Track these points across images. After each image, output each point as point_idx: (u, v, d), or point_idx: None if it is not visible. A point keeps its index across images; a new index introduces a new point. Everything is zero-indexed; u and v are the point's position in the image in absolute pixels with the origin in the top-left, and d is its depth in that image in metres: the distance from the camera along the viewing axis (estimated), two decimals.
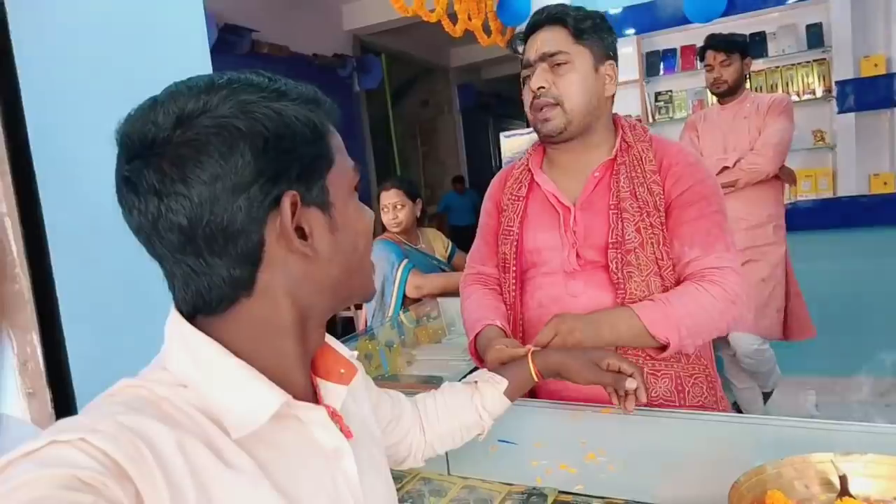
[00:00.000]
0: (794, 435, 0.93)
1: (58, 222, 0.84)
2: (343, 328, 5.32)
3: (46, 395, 0.83)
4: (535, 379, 0.96)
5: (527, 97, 1.22)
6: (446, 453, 1.16)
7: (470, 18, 3.18)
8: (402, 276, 2.39)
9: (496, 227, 1.33)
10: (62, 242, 0.85)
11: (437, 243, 2.69)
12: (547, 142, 1.23)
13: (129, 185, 0.50)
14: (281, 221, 0.52)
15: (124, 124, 0.51)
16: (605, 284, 1.18)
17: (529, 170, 1.30)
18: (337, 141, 0.59)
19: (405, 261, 2.41)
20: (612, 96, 1.23)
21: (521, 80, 1.24)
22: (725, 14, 3.29)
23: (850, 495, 0.76)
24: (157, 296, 0.60)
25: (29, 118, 0.82)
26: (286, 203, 0.52)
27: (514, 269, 1.27)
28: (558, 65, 1.17)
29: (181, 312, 0.55)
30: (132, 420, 0.46)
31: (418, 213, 2.57)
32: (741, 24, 3.65)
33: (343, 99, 6.14)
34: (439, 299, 2.36)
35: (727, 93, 2.60)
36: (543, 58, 1.17)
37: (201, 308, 0.54)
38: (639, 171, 1.18)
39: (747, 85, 2.70)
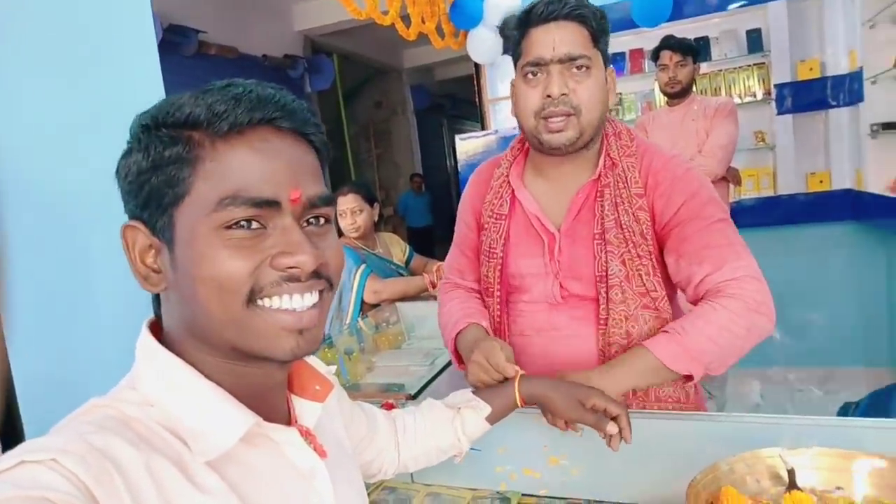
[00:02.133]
0: (749, 430, 0.97)
1: (2, 238, 0.80)
2: None
3: None
4: (519, 405, 0.95)
5: (532, 100, 1.06)
6: None
7: (424, 21, 3.18)
8: (359, 281, 2.37)
9: (476, 242, 1.24)
10: (7, 258, 0.81)
11: (394, 248, 2.68)
12: (545, 151, 1.10)
13: None
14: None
15: None
16: (590, 318, 1.11)
17: (510, 182, 1.18)
18: (217, 167, 0.50)
19: (363, 266, 2.40)
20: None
21: (524, 75, 1.07)
22: (671, 19, 3.39)
23: (798, 488, 0.80)
24: (106, 315, 0.59)
25: None
26: (121, 230, 0.53)
27: (499, 293, 1.19)
28: (577, 68, 1.03)
29: (156, 326, 0.57)
30: (101, 441, 0.46)
31: (376, 218, 2.56)
32: (686, 29, 3.76)
33: None
34: (398, 304, 2.35)
35: (679, 94, 2.68)
36: (563, 59, 1.03)
37: (154, 310, 0.58)
38: (624, 194, 1.07)
39: (693, 88, 2.79)
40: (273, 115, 0.51)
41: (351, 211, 2.47)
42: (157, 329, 0.57)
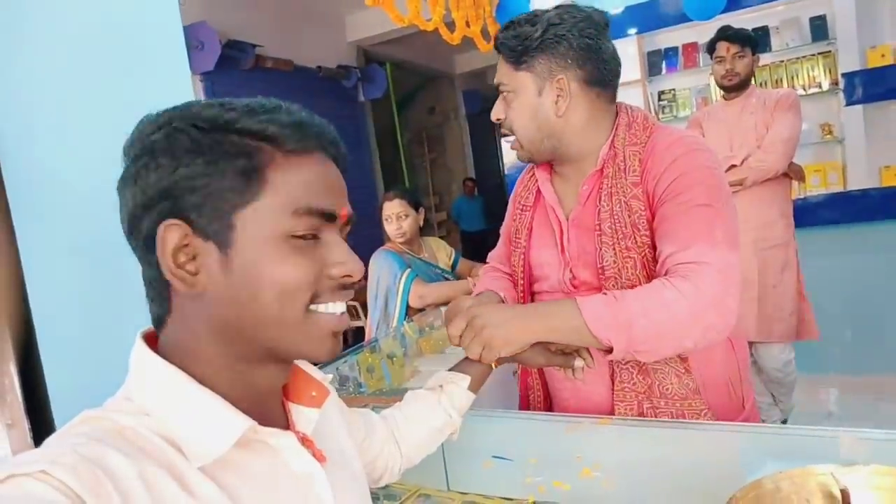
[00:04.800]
0: (798, 444, 0.90)
1: (33, 249, 0.83)
2: (354, 337, 5.33)
3: (25, 426, 0.82)
4: (494, 367, 0.99)
5: None
6: (445, 469, 1.14)
7: (468, 25, 3.16)
8: (404, 285, 2.38)
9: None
10: (38, 269, 0.84)
11: (440, 252, 2.68)
12: None
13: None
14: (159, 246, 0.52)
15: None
16: None
17: (536, 176, 1.24)
18: (288, 178, 0.54)
19: (408, 270, 2.40)
20: (581, 110, 1.09)
21: None
22: (726, 10, 3.25)
23: None
24: (138, 322, 0.59)
25: None
26: (161, 229, 0.52)
27: (523, 282, 1.23)
28: (506, 95, 1.11)
29: (152, 337, 0.57)
30: (92, 451, 0.45)
31: (421, 223, 2.56)
32: (743, 20, 3.60)
33: (349, 110, 6.16)
34: (443, 309, 2.34)
35: (737, 87, 2.53)
36: (497, 88, 1.13)
37: (153, 318, 0.57)
38: (620, 184, 1.08)
39: (752, 81, 2.65)
40: (328, 145, 0.58)
41: (396, 216, 2.48)
42: (150, 340, 0.57)
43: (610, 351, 0.94)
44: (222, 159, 0.52)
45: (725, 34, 2.53)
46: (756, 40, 2.56)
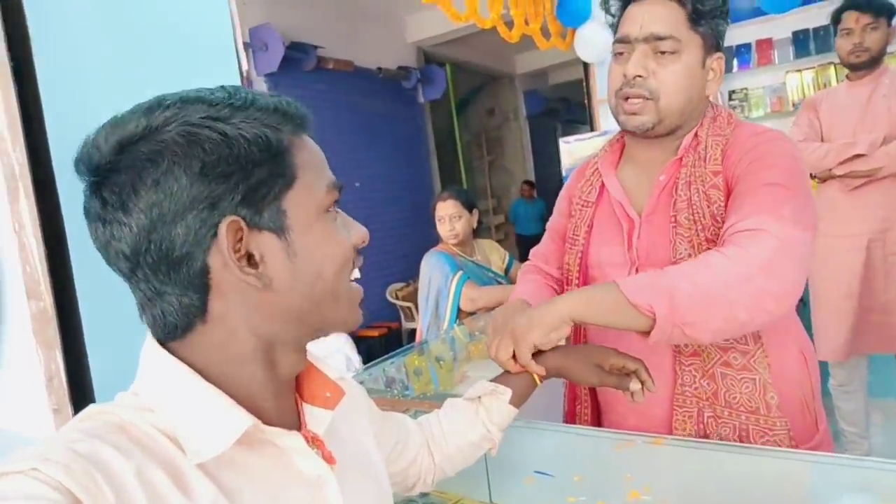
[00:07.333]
0: (880, 479, 0.80)
1: (81, 240, 0.85)
2: (408, 339, 5.35)
3: (69, 411, 0.83)
4: (538, 383, 0.93)
5: (615, 78, 1.04)
6: (488, 479, 1.10)
7: (527, 23, 3.11)
8: (456, 288, 2.34)
9: (564, 230, 1.22)
10: (85, 259, 0.85)
11: (493, 255, 2.63)
12: (628, 133, 1.10)
13: (84, 209, 0.52)
14: (222, 249, 0.50)
15: (78, 149, 0.51)
16: None
17: (600, 170, 1.16)
18: (306, 157, 0.55)
19: (460, 272, 2.37)
20: (713, 97, 1.07)
21: (614, 52, 1.06)
22: (805, 3, 3.05)
23: None
24: None
25: (51, 133, 0.83)
26: (222, 230, 0.50)
27: (577, 283, 1.15)
28: (664, 52, 0.99)
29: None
30: (87, 448, 0.45)
31: (475, 224, 2.52)
32: (822, 14, 3.35)
33: (408, 111, 6.20)
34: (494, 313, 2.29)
35: (866, 64, 2.18)
36: (648, 39, 0.99)
37: (162, 332, 0.54)
38: (699, 172, 1.01)
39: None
40: (308, 124, 0.58)
41: (450, 217, 2.45)
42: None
43: (652, 327, 0.84)
44: (253, 150, 0.50)
45: (856, 2, 2.16)
46: (893, 9, 2.17)
